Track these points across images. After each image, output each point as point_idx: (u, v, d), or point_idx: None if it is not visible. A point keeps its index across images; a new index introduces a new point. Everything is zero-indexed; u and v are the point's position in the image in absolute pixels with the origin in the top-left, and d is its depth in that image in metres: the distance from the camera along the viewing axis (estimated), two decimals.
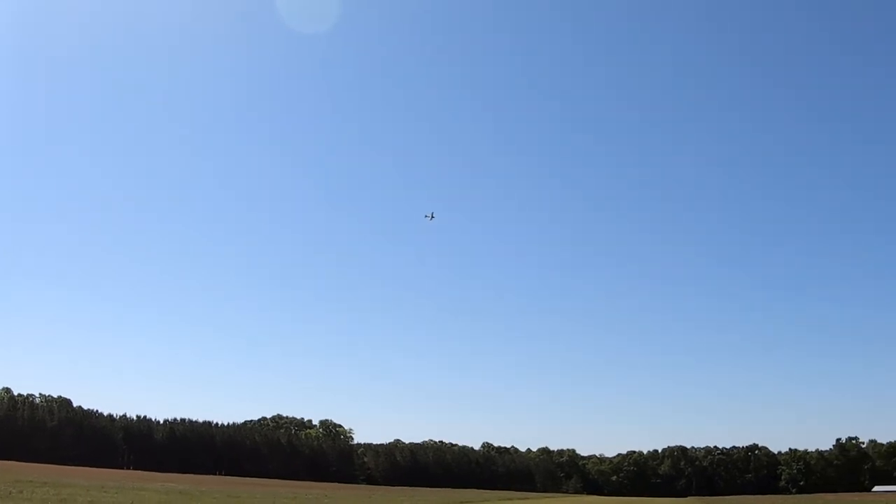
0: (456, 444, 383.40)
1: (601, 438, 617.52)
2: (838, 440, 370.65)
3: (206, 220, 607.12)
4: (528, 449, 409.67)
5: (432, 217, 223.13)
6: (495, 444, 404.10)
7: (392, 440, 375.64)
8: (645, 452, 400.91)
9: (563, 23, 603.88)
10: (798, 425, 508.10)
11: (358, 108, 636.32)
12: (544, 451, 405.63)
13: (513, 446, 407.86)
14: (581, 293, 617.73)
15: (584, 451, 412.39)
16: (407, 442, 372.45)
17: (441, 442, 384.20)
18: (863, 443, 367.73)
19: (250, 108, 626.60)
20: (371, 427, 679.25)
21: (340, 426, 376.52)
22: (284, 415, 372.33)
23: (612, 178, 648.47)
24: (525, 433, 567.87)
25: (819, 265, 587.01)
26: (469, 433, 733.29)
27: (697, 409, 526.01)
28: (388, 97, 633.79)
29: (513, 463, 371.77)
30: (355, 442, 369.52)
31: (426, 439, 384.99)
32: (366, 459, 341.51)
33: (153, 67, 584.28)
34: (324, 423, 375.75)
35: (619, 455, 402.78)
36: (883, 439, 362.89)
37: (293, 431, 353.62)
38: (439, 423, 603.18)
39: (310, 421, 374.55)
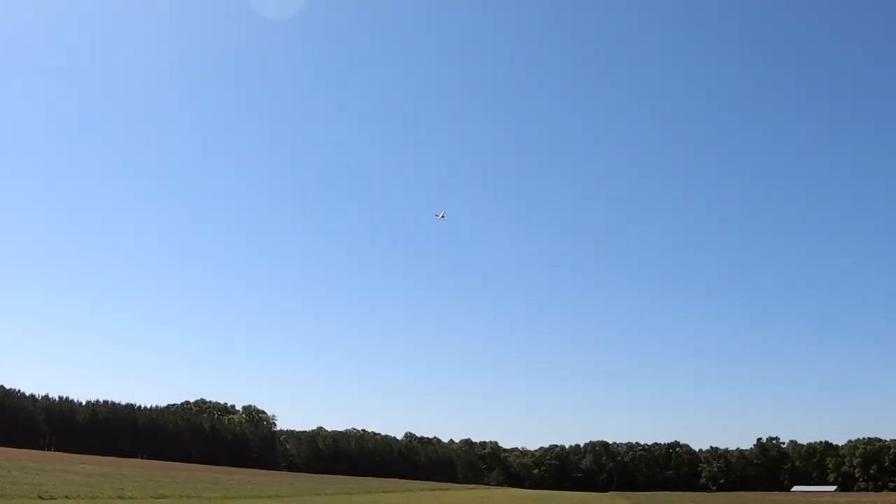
0: (378, 434, 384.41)
1: (524, 432, 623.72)
2: (759, 440, 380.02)
3: (135, 200, 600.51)
4: (451, 440, 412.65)
5: (443, 216, 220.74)
6: (418, 435, 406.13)
7: (315, 427, 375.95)
8: (567, 447, 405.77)
9: (551, 19, 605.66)
10: (720, 424, 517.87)
11: (328, 96, 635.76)
12: (467, 443, 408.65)
13: (435, 437, 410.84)
14: (504, 287, 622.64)
15: (506, 444, 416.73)
16: (329, 430, 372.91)
17: (364, 431, 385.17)
18: (783, 443, 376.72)
19: (219, 93, 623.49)
20: (294, 414, 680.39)
21: (263, 412, 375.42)
22: (208, 399, 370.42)
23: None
24: (448, 424, 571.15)
25: (741, 266, 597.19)
26: (392, 423, 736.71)
27: (620, 405, 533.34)
28: (358, 84, 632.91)
29: (435, 454, 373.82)
30: (278, 428, 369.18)
31: (349, 427, 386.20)
32: (288, 446, 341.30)
33: (118, 56, 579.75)
34: (247, 408, 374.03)
35: (541, 448, 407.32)
36: (803, 440, 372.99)
37: (216, 416, 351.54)
38: (362, 411, 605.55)
39: (233, 406, 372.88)
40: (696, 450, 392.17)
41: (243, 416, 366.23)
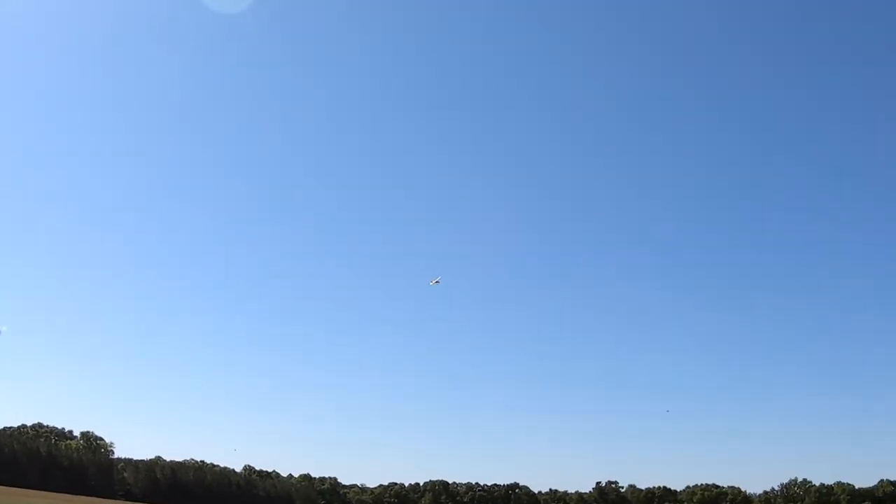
0: (217, 465, 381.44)
1: (364, 468, 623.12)
2: (598, 483, 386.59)
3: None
4: (290, 474, 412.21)
5: (438, 282, 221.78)
6: (257, 468, 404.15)
7: (154, 456, 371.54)
8: (406, 485, 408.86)
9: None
10: (560, 466, 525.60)
11: (280, 93, 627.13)
12: (306, 478, 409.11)
13: (275, 471, 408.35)
14: (344, 322, 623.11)
15: (346, 480, 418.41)
16: (168, 459, 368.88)
17: (202, 462, 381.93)
18: (622, 487, 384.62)
19: (169, 92, 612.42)
20: (134, 442, 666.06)
21: (102, 439, 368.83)
22: (45, 424, 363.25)
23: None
24: (288, 458, 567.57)
25: (581, 305, 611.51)
26: (231, 455, 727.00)
27: (462, 444, 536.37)
28: (311, 82, 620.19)
29: (274, 488, 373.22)
30: (116, 456, 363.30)
31: (188, 458, 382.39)
32: (125, 475, 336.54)
33: (64, 52, 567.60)
34: (85, 434, 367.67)
35: (380, 486, 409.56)
36: (642, 485, 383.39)
37: (53, 441, 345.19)
38: (202, 441, 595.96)
39: (70, 432, 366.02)
40: (536, 491, 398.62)
41: (81, 442, 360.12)
